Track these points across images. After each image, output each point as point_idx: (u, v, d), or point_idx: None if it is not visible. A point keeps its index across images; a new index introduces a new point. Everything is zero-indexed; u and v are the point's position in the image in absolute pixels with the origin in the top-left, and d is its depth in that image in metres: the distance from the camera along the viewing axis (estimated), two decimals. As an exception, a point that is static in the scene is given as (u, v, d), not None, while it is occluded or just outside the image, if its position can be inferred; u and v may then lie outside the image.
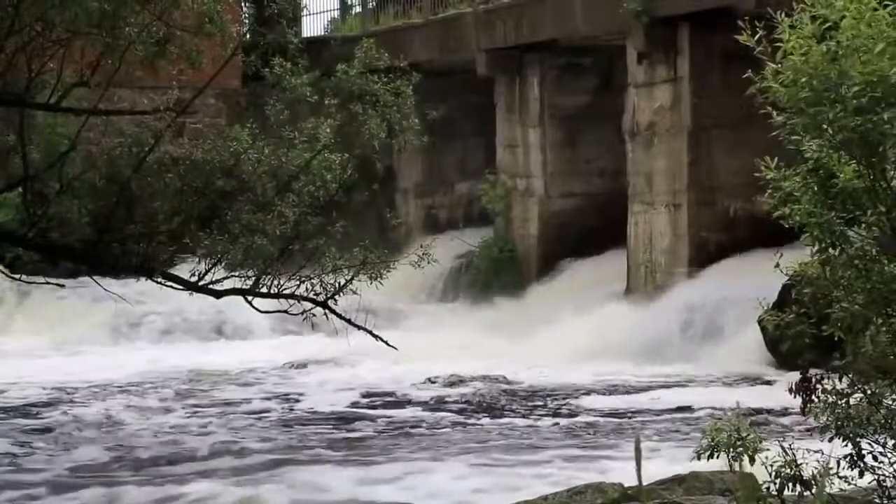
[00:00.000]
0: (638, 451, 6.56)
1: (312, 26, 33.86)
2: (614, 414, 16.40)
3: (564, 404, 17.36)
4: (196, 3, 13.92)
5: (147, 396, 18.56)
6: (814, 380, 7.30)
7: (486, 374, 19.50)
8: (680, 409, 16.41)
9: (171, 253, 14.87)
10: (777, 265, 7.31)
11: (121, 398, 18.37)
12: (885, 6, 6.69)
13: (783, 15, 6.78)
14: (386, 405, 17.56)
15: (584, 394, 18.01)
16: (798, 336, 7.19)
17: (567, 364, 20.02)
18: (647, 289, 22.39)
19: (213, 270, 14.66)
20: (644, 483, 8.23)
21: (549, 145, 25.82)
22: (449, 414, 16.89)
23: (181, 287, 15.07)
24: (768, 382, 17.74)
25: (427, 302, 26.49)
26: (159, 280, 15.07)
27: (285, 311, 14.97)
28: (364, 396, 18.17)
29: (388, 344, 15.30)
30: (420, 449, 14.58)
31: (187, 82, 16.07)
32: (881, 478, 7.26)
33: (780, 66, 6.72)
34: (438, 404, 17.60)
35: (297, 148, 14.68)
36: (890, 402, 7.14)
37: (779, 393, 8.79)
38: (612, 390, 18.20)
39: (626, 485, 9.38)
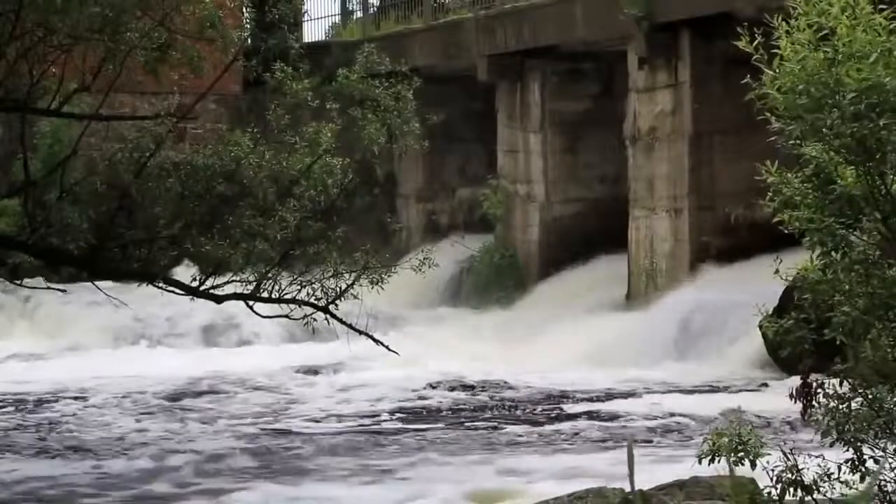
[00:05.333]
0: (630, 455, 6.55)
1: (313, 31, 33.89)
2: (616, 418, 16.40)
3: (565, 409, 17.35)
4: (197, 9, 13.95)
5: (147, 401, 18.54)
6: (814, 384, 7.31)
7: (488, 378, 19.51)
8: (681, 413, 16.38)
9: (171, 258, 14.89)
10: (777, 271, 7.32)
11: (121, 403, 18.36)
12: (881, 11, 6.70)
13: (782, 21, 6.79)
14: (387, 410, 17.53)
15: (585, 398, 18.00)
16: (798, 341, 7.20)
17: (568, 369, 20.01)
18: (648, 294, 22.39)
19: (213, 275, 14.68)
20: (643, 488, 8.23)
21: (550, 151, 25.82)
22: (450, 419, 16.89)
23: (182, 292, 15.09)
24: (769, 387, 17.73)
25: (428, 307, 26.45)
26: (160, 285, 15.09)
27: (286, 316, 14.98)
28: (364, 402, 18.14)
29: (389, 349, 15.31)
30: (421, 453, 14.58)
31: (188, 87, 16.12)
32: (882, 482, 7.27)
33: (777, 72, 6.72)
34: (440, 409, 17.59)
35: (298, 153, 14.69)
36: (891, 407, 7.15)
37: (779, 398, 8.77)
38: (613, 395, 18.18)
39: (626, 490, 9.39)
